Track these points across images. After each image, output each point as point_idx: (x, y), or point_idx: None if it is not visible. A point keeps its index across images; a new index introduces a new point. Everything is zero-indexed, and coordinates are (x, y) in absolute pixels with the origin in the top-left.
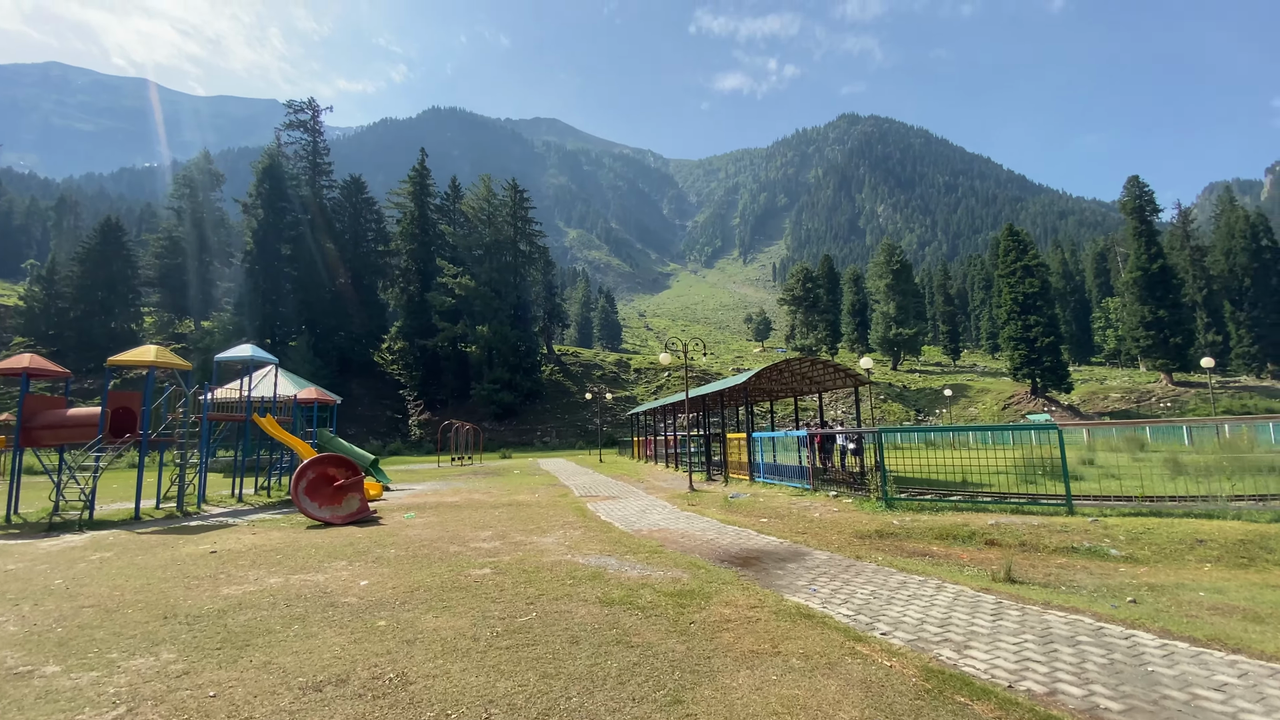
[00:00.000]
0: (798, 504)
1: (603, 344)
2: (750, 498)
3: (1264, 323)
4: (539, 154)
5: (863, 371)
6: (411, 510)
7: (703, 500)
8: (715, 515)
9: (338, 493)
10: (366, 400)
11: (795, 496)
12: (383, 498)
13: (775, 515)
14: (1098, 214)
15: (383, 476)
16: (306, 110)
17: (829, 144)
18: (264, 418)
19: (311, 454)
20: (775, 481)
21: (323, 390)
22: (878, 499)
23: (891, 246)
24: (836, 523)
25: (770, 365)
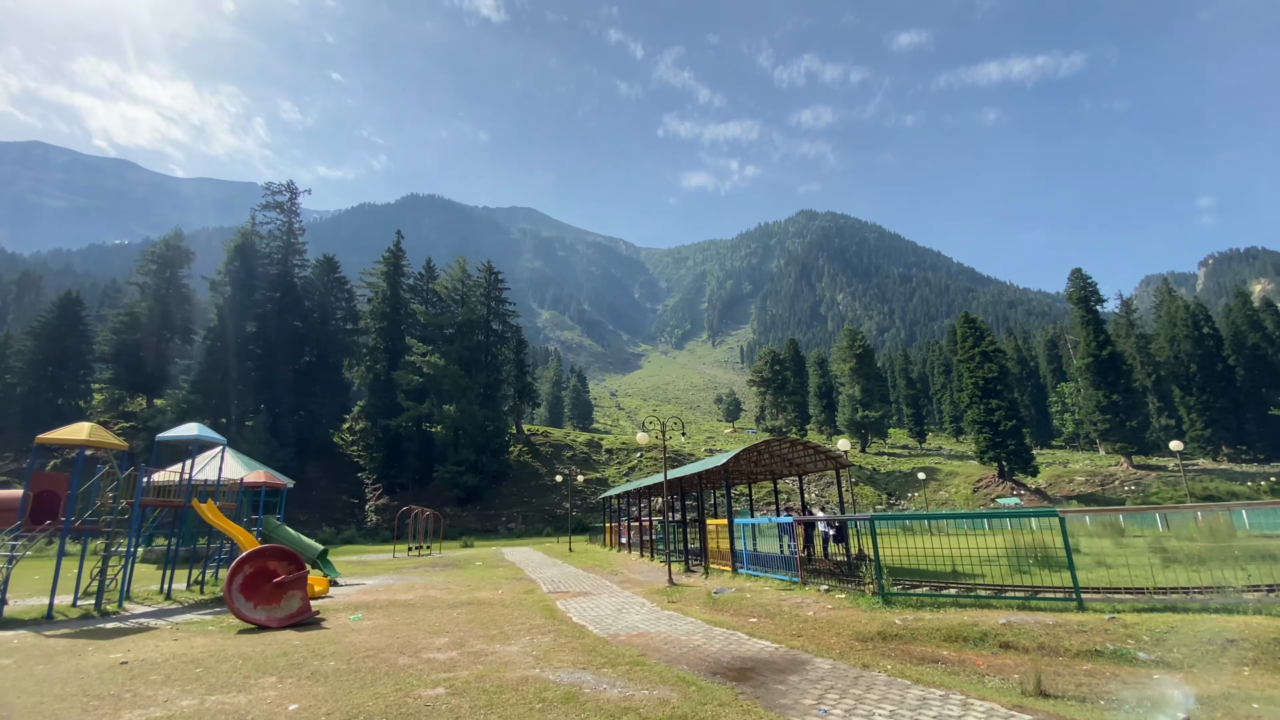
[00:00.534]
0: (788, 600)
1: (574, 423)
2: (736, 593)
3: (1214, 407)
4: (515, 240)
5: (840, 453)
6: (359, 610)
7: (684, 596)
8: (700, 615)
9: (277, 590)
10: (323, 484)
11: (784, 591)
12: (329, 594)
13: (766, 614)
14: (1044, 304)
15: (331, 570)
16: (285, 192)
17: (789, 236)
18: (204, 503)
19: (254, 544)
20: (760, 573)
21: (273, 473)
22: (873, 594)
23: (853, 332)
24: (833, 623)
25: (750, 446)
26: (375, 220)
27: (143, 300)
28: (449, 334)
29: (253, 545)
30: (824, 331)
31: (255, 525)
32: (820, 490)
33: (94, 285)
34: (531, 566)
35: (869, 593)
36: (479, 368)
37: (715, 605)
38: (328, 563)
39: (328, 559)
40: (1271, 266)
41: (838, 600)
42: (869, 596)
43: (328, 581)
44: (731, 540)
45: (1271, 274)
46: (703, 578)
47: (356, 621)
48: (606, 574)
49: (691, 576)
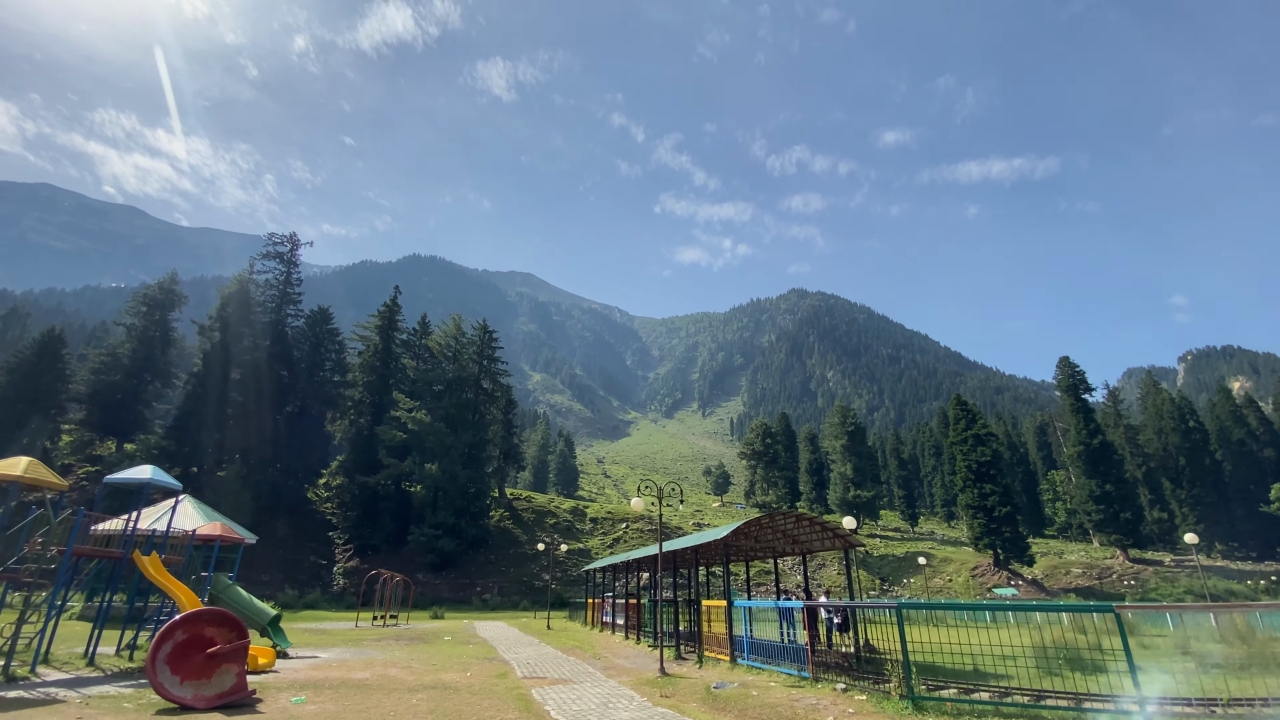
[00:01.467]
0: (801, 701)
1: (558, 489)
2: (739, 689)
3: (1204, 501)
4: (511, 303)
5: (849, 532)
6: (304, 691)
7: (678, 689)
8: (699, 715)
9: (209, 664)
10: (290, 542)
11: (793, 688)
12: (274, 669)
13: (777, 718)
14: (1030, 391)
15: (282, 639)
16: (286, 243)
17: (780, 313)
18: (148, 556)
19: (196, 605)
20: (763, 664)
21: (231, 525)
22: (901, 696)
23: (845, 409)
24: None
25: (753, 520)
26: (375, 277)
27: (127, 341)
28: (438, 390)
29: (194, 606)
30: (814, 407)
31: (203, 584)
32: (812, 573)
33: (83, 326)
34: (505, 645)
35: (895, 695)
36: (465, 426)
37: (715, 703)
38: (279, 630)
39: (279, 626)
40: (1248, 364)
41: (858, 703)
42: (895, 700)
43: (274, 653)
44: (730, 625)
45: (1249, 372)
46: (696, 667)
47: (298, 705)
48: (588, 657)
49: (684, 665)
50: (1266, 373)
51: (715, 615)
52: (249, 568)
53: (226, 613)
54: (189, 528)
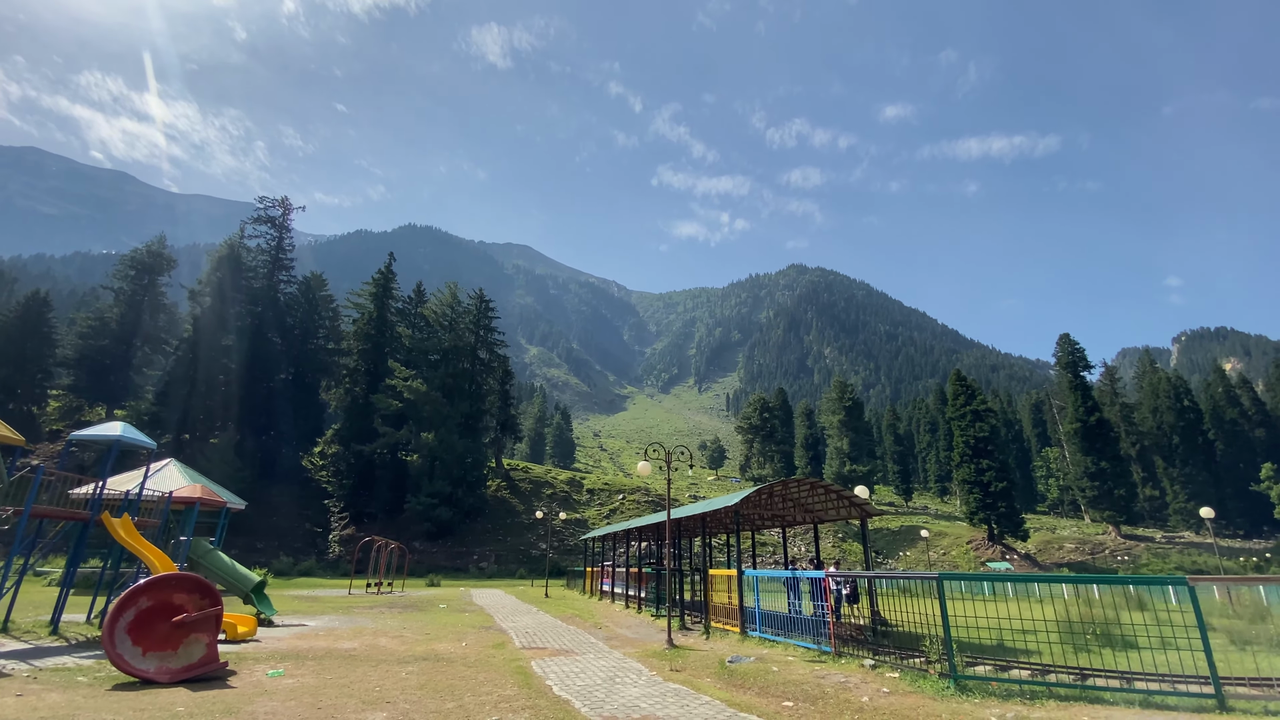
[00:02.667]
0: (827, 678)
1: (555, 461)
2: (757, 664)
3: (1196, 480)
4: (508, 275)
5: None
6: (285, 663)
7: (689, 663)
8: (716, 692)
9: (175, 633)
10: (286, 509)
11: (814, 663)
12: (256, 637)
13: (804, 697)
14: (1025, 369)
15: (267, 606)
16: (278, 207)
17: (779, 289)
18: (119, 518)
19: (170, 570)
20: (777, 638)
21: (213, 488)
22: (940, 675)
23: (844, 384)
24: (898, 715)
25: (765, 486)
26: (370, 247)
27: (115, 306)
28: (434, 360)
29: (168, 571)
30: (810, 384)
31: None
32: (807, 545)
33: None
34: (503, 613)
35: (934, 673)
36: (462, 396)
37: (732, 679)
38: (264, 598)
39: (264, 594)
40: (1240, 346)
41: (891, 681)
42: (934, 679)
43: (256, 621)
44: (741, 596)
45: (1240, 353)
46: (704, 638)
47: (274, 679)
48: (589, 627)
49: (689, 636)
50: (1258, 354)
51: (721, 585)
52: (244, 534)
53: (197, 578)
54: (168, 490)
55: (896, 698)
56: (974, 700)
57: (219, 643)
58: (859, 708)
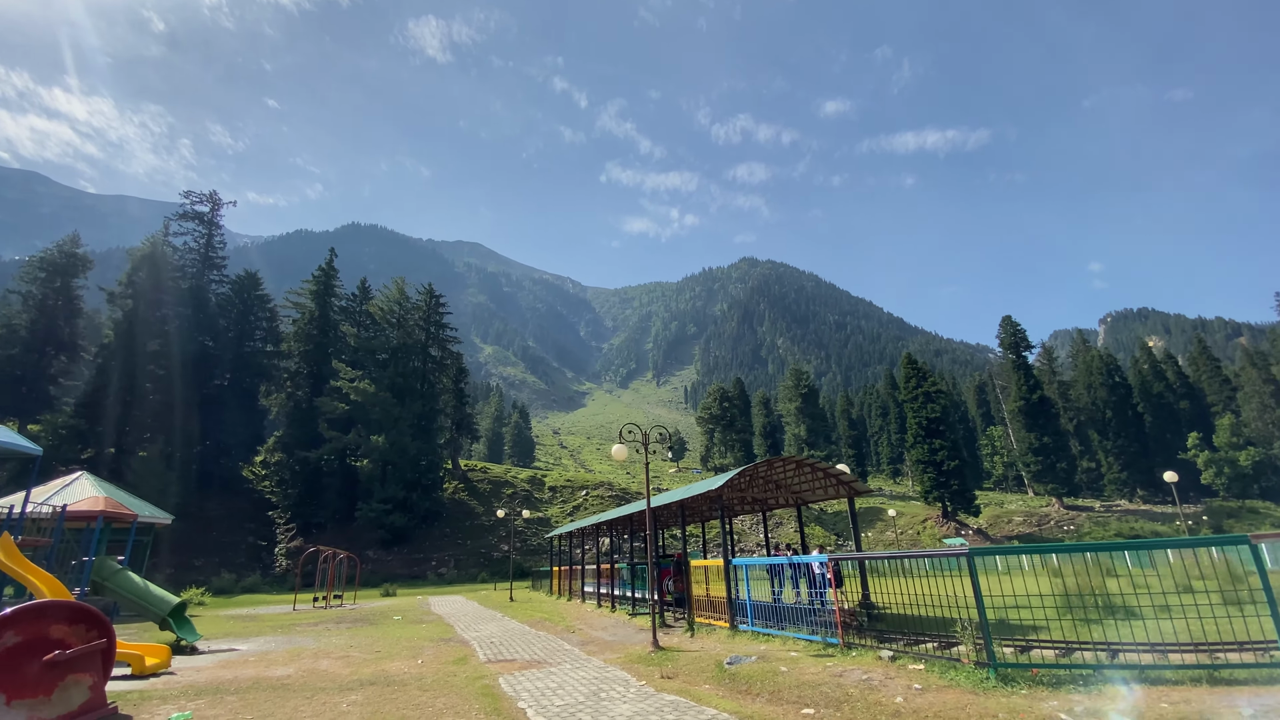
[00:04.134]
0: (847, 676)
1: (514, 460)
2: (759, 664)
3: (1129, 451)
4: (460, 274)
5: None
6: (199, 701)
7: (680, 667)
8: (719, 702)
9: (48, 675)
10: (225, 523)
11: (822, 658)
12: (170, 669)
13: (825, 702)
14: (967, 353)
15: (189, 631)
16: (206, 202)
17: (732, 282)
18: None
19: (63, 596)
20: (773, 631)
21: (120, 500)
22: (977, 665)
23: (799, 372)
24: (944, 717)
25: (749, 466)
26: (312, 247)
27: (24, 311)
28: (382, 359)
29: (60, 597)
30: (765, 374)
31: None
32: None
33: None
34: (464, 622)
35: (968, 662)
36: (413, 396)
37: (735, 684)
38: (186, 622)
39: (185, 617)
40: (1161, 325)
41: (918, 674)
42: (969, 669)
43: (169, 651)
44: (730, 587)
45: (1161, 332)
46: (688, 636)
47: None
48: (561, 631)
49: (672, 635)
50: (1177, 332)
51: (715, 577)
52: (180, 552)
53: (82, 606)
54: (69, 504)
55: (933, 695)
56: (1022, 692)
57: (123, 678)
58: (895, 710)
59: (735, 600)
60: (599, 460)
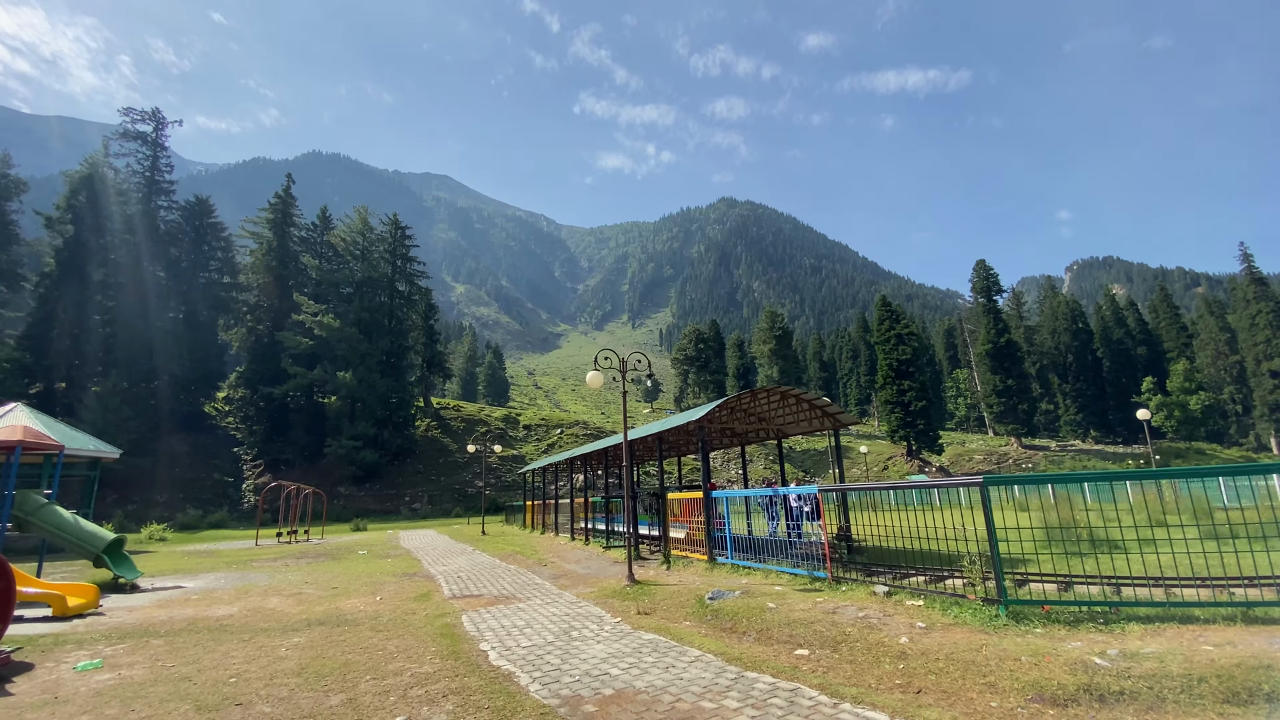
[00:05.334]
0: (842, 613)
1: (489, 400)
2: (744, 598)
3: (1086, 394)
4: (428, 208)
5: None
6: (120, 645)
7: (658, 602)
8: (702, 641)
9: None
10: (189, 460)
11: (809, 592)
12: (99, 609)
13: (821, 641)
14: (937, 298)
15: (128, 569)
16: (148, 120)
17: (710, 223)
18: None
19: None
20: (754, 564)
21: (37, 429)
22: (985, 601)
23: (774, 314)
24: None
25: (732, 397)
26: (271, 175)
27: None
28: (346, 293)
29: None
30: (740, 317)
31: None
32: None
33: None
34: (432, 556)
35: (975, 599)
36: (381, 332)
37: (719, 621)
38: (124, 559)
39: (123, 553)
40: (1124, 274)
41: (918, 611)
42: (977, 605)
43: (96, 591)
44: (709, 519)
45: (1124, 280)
46: (664, 569)
47: (82, 674)
48: (533, 565)
49: (648, 568)
50: (1139, 280)
51: (693, 511)
52: (142, 488)
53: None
54: None
55: (940, 634)
56: (1037, 631)
57: (40, 620)
58: (900, 652)
59: (714, 533)
60: (574, 401)
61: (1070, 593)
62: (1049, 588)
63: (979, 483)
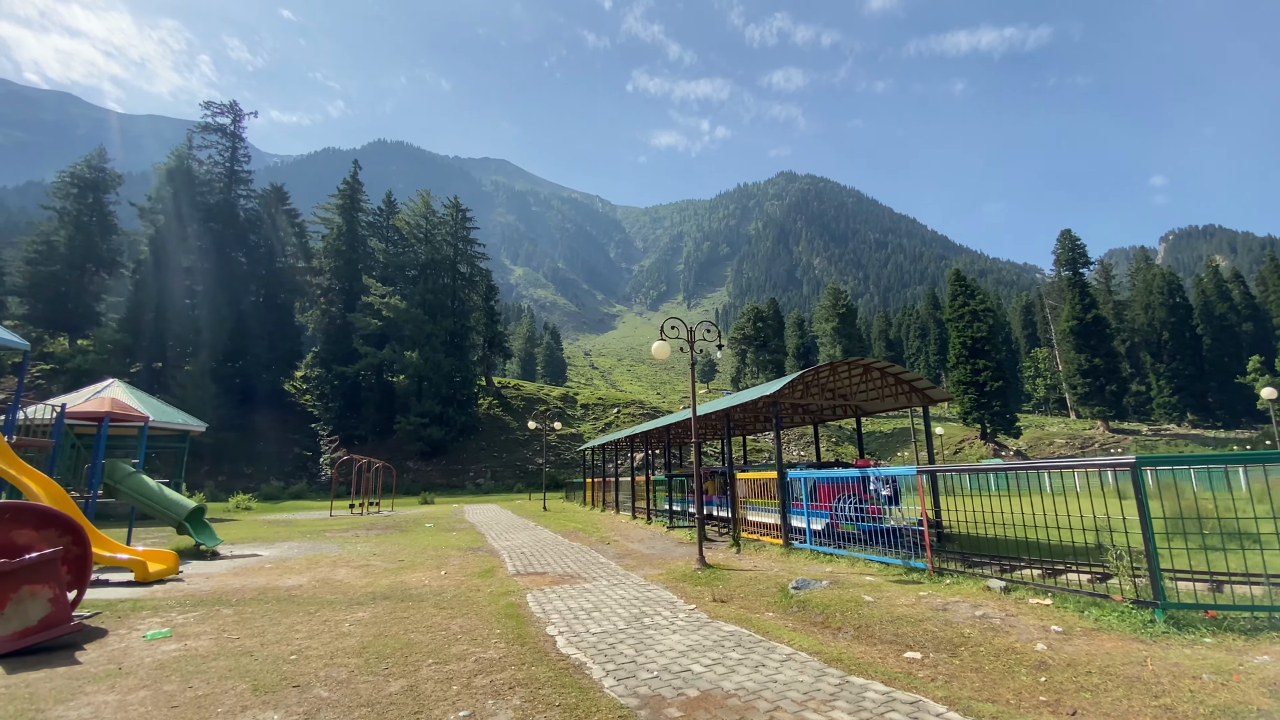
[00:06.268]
0: (954, 611)
1: (546, 380)
2: (833, 589)
3: (1182, 374)
4: (487, 193)
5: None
6: (191, 614)
7: (733, 589)
8: (792, 637)
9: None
10: (272, 435)
11: (906, 584)
12: (178, 575)
13: (934, 644)
14: (1012, 273)
15: (208, 536)
16: (227, 113)
17: (768, 199)
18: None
19: (62, 500)
20: (836, 551)
21: (125, 400)
22: (1135, 604)
23: (837, 291)
24: (1116, 675)
25: (809, 370)
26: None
27: (61, 228)
28: (411, 275)
29: (56, 501)
30: (799, 295)
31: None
32: (801, 450)
33: (29, 224)
34: (496, 530)
35: (1122, 600)
36: (444, 313)
37: (808, 614)
38: (204, 526)
39: (204, 521)
40: (1227, 244)
41: (1049, 612)
42: (1127, 609)
43: (175, 558)
44: (785, 502)
45: (1227, 251)
46: (734, 552)
47: (150, 644)
48: (595, 543)
49: (718, 550)
50: (1244, 251)
51: (765, 492)
52: (230, 461)
53: (47, 510)
54: (82, 406)
55: (1083, 642)
56: (1206, 640)
57: (124, 585)
58: (1038, 662)
59: (790, 519)
60: (629, 381)
61: (1225, 594)
62: (1199, 587)
63: (1130, 464)
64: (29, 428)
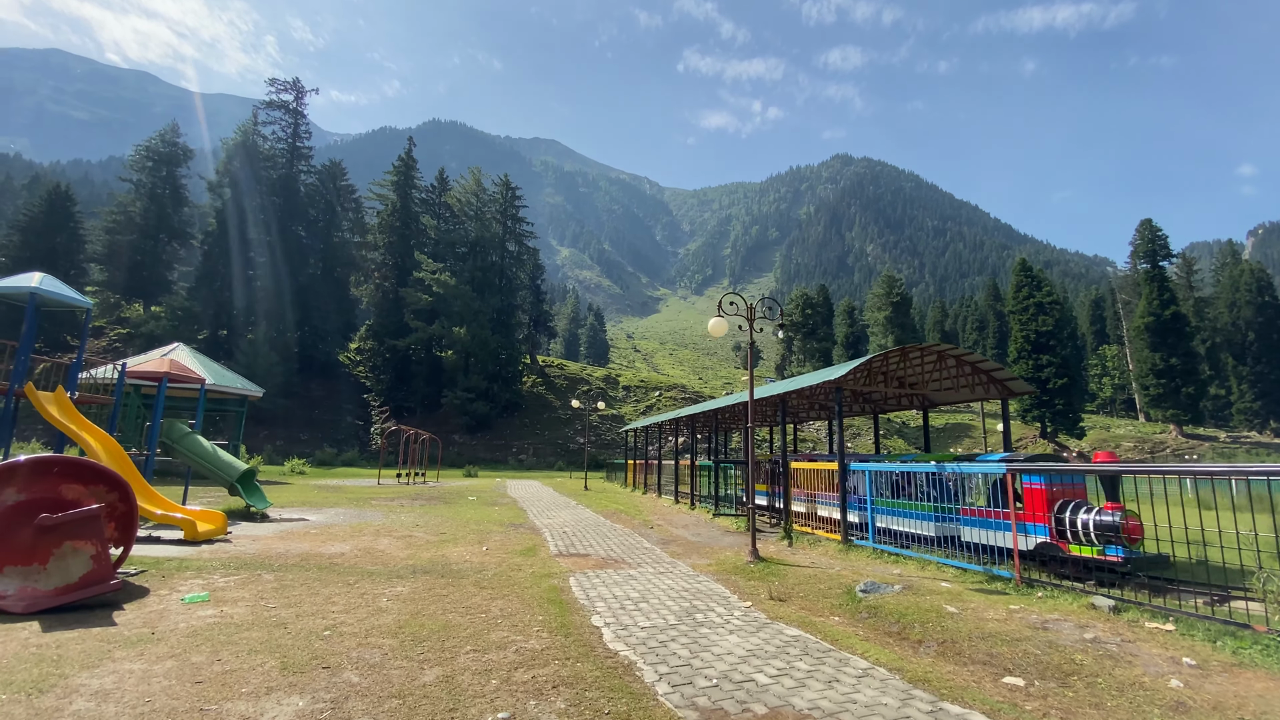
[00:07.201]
0: (1056, 629)
1: (589, 361)
2: (907, 595)
3: (1268, 378)
4: (536, 173)
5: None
6: (233, 577)
7: (791, 587)
8: (866, 648)
9: (41, 541)
10: (327, 403)
11: (991, 594)
12: (226, 536)
13: (1037, 669)
14: (1081, 266)
15: (259, 499)
16: (290, 90)
17: (822, 182)
18: (52, 392)
19: (119, 455)
20: (903, 551)
21: (183, 361)
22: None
23: (892, 278)
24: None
25: (878, 355)
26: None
27: (137, 199)
28: (461, 252)
29: (114, 457)
30: (850, 283)
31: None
32: (849, 442)
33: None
34: (538, 507)
35: (1268, 630)
36: (492, 290)
37: (881, 622)
38: (255, 489)
39: (255, 483)
40: None
41: (1174, 640)
42: (1275, 644)
43: (223, 519)
44: (844, 495)
45: None
46: (786, 545)
47: (187, 607)
48: (638, 526)
49: (767, 542)
50: None
51: (826, 483)
52: (287, 426)
53: (96, 467)
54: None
55: (1226, 680)
56: None
57: (174, 543)
58: (1175, 702)
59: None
60: (671, 365)
61: None
62: None
63: None
64: (94, 385)
